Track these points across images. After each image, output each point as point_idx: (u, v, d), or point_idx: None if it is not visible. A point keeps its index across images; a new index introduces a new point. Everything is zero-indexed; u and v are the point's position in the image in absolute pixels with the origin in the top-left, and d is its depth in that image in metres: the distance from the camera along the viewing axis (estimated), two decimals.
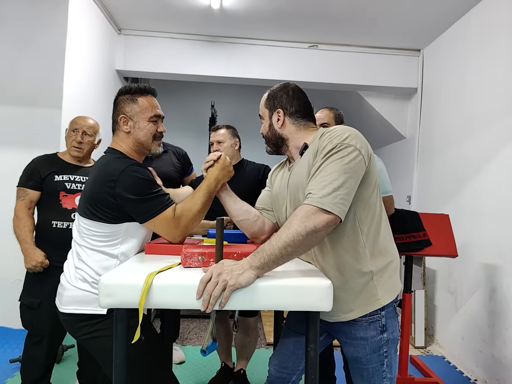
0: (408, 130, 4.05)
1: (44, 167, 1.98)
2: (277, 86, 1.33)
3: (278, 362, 1.38)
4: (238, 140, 2.29)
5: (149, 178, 1.29)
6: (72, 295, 1.31)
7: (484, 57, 2.83)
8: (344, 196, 1.04)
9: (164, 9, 3.24)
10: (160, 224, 1.28)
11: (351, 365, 1.27)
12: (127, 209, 1.27)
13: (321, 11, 3.16)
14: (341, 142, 1.09)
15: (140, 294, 0.92)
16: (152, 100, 1.42)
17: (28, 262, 1.89)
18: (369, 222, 1.16)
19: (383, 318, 1.19)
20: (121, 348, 0.99)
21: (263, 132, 1.35)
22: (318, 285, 0.99)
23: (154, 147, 1.43)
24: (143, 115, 1.38)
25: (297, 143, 1.28)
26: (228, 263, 0.99)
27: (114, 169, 1.27)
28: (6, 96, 2.72)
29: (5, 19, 2.72)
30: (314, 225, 1.00)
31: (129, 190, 1.24)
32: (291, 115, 1.28)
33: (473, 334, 2.73)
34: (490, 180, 2.67)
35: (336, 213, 1.02)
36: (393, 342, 1.21)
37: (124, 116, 1.38)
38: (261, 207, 1.45)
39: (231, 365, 2.39)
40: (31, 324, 1.94)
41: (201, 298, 0.94)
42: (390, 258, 1.21)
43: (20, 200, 1.95)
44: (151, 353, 1.33)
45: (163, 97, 5.55)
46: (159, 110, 1.42)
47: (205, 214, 1.38)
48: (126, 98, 1.39)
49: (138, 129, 1.38)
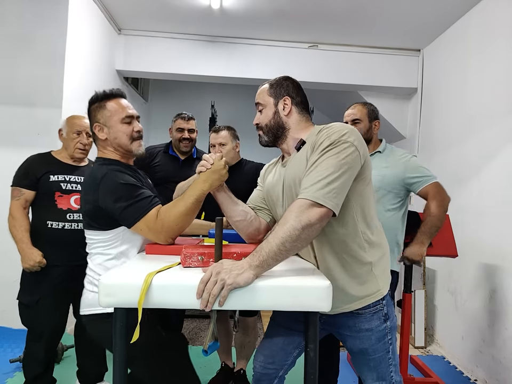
0: (408, 130, 4.05)
1: (39, 166, 1.96)
2: (278, 77, 1.34)
3: (264, 358, 1.37)
4: (239, 142, 2.30)
5: (129, 182, 1.29)
6: (87, 297, 1.35)
7: (484, 57, 2.83)
8: (338, 190, 1.06)
9: (164, 9, 3.24)
10: (145, 226, 1.27)
11: (356, 358, 1.29)
12: (113, 214, 1.28)
13: (321, 11, 3.16)
14: (339, 138, 1.11)
15: (139, 294, 0.92)
16: (121, 101, 1.42)
17: (26, 262, 1.89)
18: (365, 214, 1.20)
19: (385, 307, 1.23)
20: (121, 346, 0.99)
21: (262, 121, 1.31)
22: (317, 285, 0.98)
23: (135, 148, 1.41)
24: (115, 118, 1.38)
25: (296, 135, 1.28)
26: (227, 263, 0.99)
27: (95, 178, 1.29)
28: (6, 96, 2.72)
29: (5, 19, 2.72)
30: (309, 219, 1.01)
31: (110, 196, 1.26)
32: (297, 105, 1.29)
33: (473, 334, 2.73)
34: (490, 180, 2.67)
35: (329, 206, 1.04)
36: (394, 329, 1.26)
37: (97, 124, 1.39)
38: (253, 205, 1.43)
39: (231, 364, 2.39)
40: (30, 322, 1.96)
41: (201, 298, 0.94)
42: (383, 250, 1.26)
43: (15, 200, 1.93)
44: (172, 347, 1.36)
45: (163, 97, 5.58)
46: (130, 110, 1.42)
47: (193, 219, 1.35)
48: (96, 107, 1.40)
49: (114, 133, 1.38)
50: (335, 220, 1.13)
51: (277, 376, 1.37)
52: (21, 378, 2.20)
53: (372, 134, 2.04)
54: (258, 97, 1.34)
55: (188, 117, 2.48)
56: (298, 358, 1.35)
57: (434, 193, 1.91)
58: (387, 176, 1.93)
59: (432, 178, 1.94)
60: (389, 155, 2.01)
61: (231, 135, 2.23)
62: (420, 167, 1.96)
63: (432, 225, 1.91)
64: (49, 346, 1.98)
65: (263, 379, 1.38)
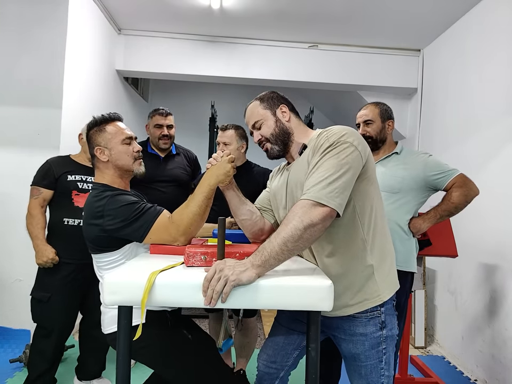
0: (408, 130, 4.05)
1: (58, 167, 2.06)
2: (264, 92, 1.37)
3: (267, 357, 1.39)
4: (245, 143, 2.24)
5: (131, 201, 1.34)
6: (110, 315, 1.36)
7: (484, 57, 2.83)
8: (340, 190, 1.06)
9: (164, 9, 3.24)
10: (157, 232, 1.32)
11: (348, 363, 1.28)
12: (122, 236, 1.33)
13: (321, 11, 3.16)
14: (338, 139, 1.11)
15: (143, 292, 0.93)
16: (119, 124, 1.48)
17: (39, 258, 1.97)
18: (368, 215, 1.18)
19: (383, 315, 1.20)
20: (125, 344, 1.00)
21: (265, 133, 1.30)
22: (319, 284, 0.99)
23: (136, 167, 1.48)
24: (116, 139, 1.44)
25: (299, 139, 1.30)
26: (230, 261, 1.00)
27: (98, 207, 1.33)
28: (6, 96, 2.72)
29: (5, 19, 2.71)
30: (311, 219, 1.01)
31: (117, 218, 1.30)
32: (292, 111, 1.34)
33: (473, 334, 2.73)
34: (490, 180, 2.67)
35: (333, 206, 1.04)
36: (391, 339, 1.23)
37: (98, 147, 1.44)
38: (259, 206, 1.47)
39: (231, 365, 2.39)
40: (41, 317, 2.01)
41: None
42: (388, 254, 1.23)
43: (34, 198, 2.03)
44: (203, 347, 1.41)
45: (163, 97, 5.58)
46: (129, 132, 1.49)
47: (206, 216, 1.38)
48: (95, 131, 1.45)
49: (116, 155, 1.43)
50: (337, 220, 1.12)
51: (278, 376, 1.38)
52: (21, 378, 2.21)
53: (386, 134, 1.97)
54: (252, 115, 1.33)
55: (165, 113, 2.42)
56: (300, 359, 1.35)
57: (460, 183, 1.85)
58: (406, 178, 1.86)
59: (456, 171, 1.87)
60: (406, 156, 1.95)
61: (237, 135, 2.20)
62: (440, 164, 1.89)
63: (445, 209, 1.86)
64: (58, 343, 2.04)
65: (265, 378, 1.39)
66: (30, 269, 2.45)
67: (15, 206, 2.63)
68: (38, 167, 2.08)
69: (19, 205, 2.60)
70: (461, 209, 1.88)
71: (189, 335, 1.39)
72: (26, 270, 2.59)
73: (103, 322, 1.41)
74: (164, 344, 1.33)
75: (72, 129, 2.79)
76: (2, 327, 2.70)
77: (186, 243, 1.34)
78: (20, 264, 2.67)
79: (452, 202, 1.85)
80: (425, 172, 1.86)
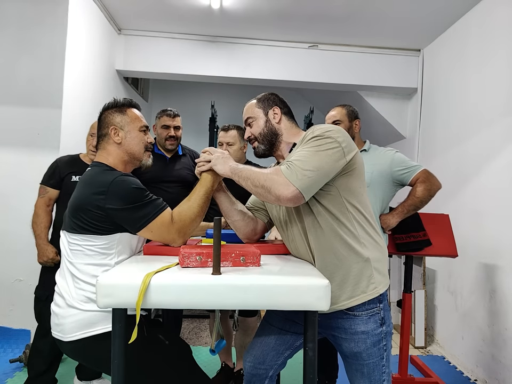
0: (408, 130, 4.05)
1: (65, 167, 2.08)
2: (264, 93, 1.41)
3: (254, 358, 1.37)
4: (247, 143, 2.26)
5: (140, 186, 1.29)
6: (77, 319, 1.24)
7: (484, 57, 2.83)
8: (312, 177, 1.10)
9: (164, 9, 3.24)
10: (158, 228, 1.26)
11: (349, 363, 1.27)
12: (119, 220, 1.25)
13: (321, 11, 3.16)
14: (322, 133, 1.16)
15: (138, 294, 0.92)
16: (138, 112, 1.46)
17: (40, 257, 2.00)
18: (358, 211, 1.21)
19: (382, 311, 1.22)
20: (120, 347, 0.99)
21: (254, 131, 1.36)
22: (316, 284, 0.99)
23: (145, 158, 1.45)
24: (134, 124, 1.40)
25: (288, 140, 1.34)
26: (227, 157, 1.29)
27: (103, 181, 1.25)
28: (6, 96, 2.72)
29: (5, 19, 2.72)
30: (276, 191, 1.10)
31: (122, 200, 1.23)
32: (285, 114, 1.37)
33: (473, 334, 2.73)
34: (490, 180, 2.66)
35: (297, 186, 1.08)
36: (389, 335, 1.25)
37: (114, 127, 1.38)
38: (252, 206, 1.49)
39: (231, 364, 2.39)
40: (40, 316, 2.03)
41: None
42: (380, 250, 1.26)
43: (40, 197, 2.06)
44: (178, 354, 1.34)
45: (163, 97, 5.58)
46: (146, 122, 1.46)
47: (204, 216, 1.37)
48: (114, 111, 1.41)
49: (130, 139, 1.39)
50: (329, 214, 1.18)
51: (267, 376, 1.37)
52: (21, 378, 2.21)
53: (354, 133, 2.11)
54: (246, 112, 1.40)
55: (173, 114, 2.43)
56: (298, 358, 1.35)
57: (423, 178, 1.97)
58: (375, 173, 1.98)
59: (419, 167, 2.00)
60: (374, 153, 2.09)
61: (239, 135, 2.23)
62: (405, 160, 2.02)
63: (411, 203, 1.98)
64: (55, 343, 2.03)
65: (253, 380, 1.38)
66: (30, 269, 2.46)
67: (15, 206, 2.63)
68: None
69: (19, 204, 2.61)
70: (426, 203, 1.99)
71: (166, 340, 1.32)
72: (26, 269, 2.60)
73: (60, 327, 1.27)
74: (138, 352, 1.22)
75: (72, 129, 2.79)
76: (2, 327, 2.70)
77: (180, 244, 1.32)
78: (20, 264, 2.68)
79: (417, 197, 1.97)
80: (391, 166, 1.99)
